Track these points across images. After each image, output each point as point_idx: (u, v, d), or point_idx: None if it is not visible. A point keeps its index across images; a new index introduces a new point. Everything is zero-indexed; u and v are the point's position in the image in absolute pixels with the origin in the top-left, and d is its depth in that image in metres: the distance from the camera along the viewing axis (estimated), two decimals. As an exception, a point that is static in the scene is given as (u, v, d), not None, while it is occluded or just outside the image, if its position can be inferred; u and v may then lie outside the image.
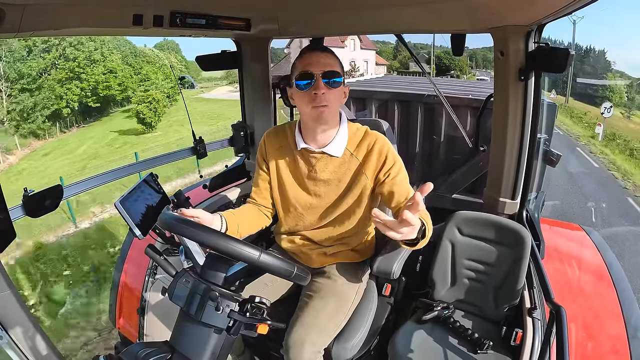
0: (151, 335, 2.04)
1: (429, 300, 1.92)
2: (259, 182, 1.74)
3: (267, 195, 1.75)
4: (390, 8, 1.89)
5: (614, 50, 61.72)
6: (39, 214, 1.66)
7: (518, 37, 1.70)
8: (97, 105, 27.34)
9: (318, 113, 1.48)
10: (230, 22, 2.03)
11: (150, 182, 1.91)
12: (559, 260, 2.24)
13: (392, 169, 1.57)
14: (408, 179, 1.61)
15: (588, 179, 13.65)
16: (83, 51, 25.37)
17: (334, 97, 1.48)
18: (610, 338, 1.89)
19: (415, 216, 1.04)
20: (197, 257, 1.23)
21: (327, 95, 1.45)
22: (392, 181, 1.56)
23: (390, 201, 1.57)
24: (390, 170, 1.56)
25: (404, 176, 1.59)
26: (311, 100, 1.46)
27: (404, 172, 1.60)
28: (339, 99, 1.52)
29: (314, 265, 1.77)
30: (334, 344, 1.61)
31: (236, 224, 1.57)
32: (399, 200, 1.54)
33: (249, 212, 1.72)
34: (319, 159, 1.61)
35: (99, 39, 24.56)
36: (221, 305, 1.07)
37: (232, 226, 1.54)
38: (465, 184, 3.41)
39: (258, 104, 2.63)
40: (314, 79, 1.45)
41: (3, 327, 1.36)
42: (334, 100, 1.49)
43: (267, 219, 1.79)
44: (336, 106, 1.52)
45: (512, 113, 1.87)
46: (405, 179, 1.59)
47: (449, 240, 1.93)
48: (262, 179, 1.73)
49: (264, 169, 1.72)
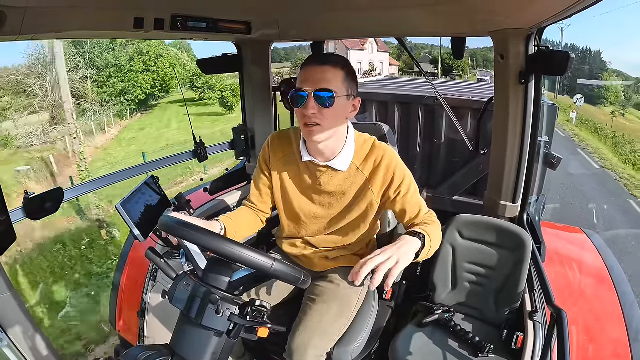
0: (151, 338, 2.04)
1: (429, 304, 1.92)
2: (259, 186, 1.69)
3: (267, 200, 1.71)
4: (391, 11, 1.89)
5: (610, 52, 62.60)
6: (39, 216, 1.66)
7: (518, 40, 1.70)
8: (161, 94, 31.13)
9: (309, 132, 1.40)
10: (231, 26, 2.03)
11: (151, 185, 1.91)
12: (559, 263, 2.24)
13: (402, 186, 1.51)
14: (418, 191, 1.57)
15: (555, 144, 16.68)
16: (152, 46, 29.12)
17: (328, 116, 1.38)
18: (612, 341, 1.88)
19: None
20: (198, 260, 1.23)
21: (319, 115, 1.36)
22: (403, 199, 1.51)
23: (403, 218, 1.55)
24: (400, 187, 1.51)
25: (414, 191, 1.54)
26: (303, 118, 1.39)
27: (414, 186, 1.54)
28: (335, 116, 1.40)
29: (316, 269, 1.77)
30: (335, 347, 1.60)
31: (234, 231, 1.56)
32: (411, 216, 1.52)
33: (246, 217, 1.70)
34: (324, 172, 1.56)
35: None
36: (221, 308, 1.07)
37: (231, 233, 1.54)
38: (465, 187, 3.41)
39: (259, 107, 2.63)
40: (306, 97, 1.36)
41: (3, 329, 1.37)
42: (328, 118, 1.38)
43: (262, 224, 1.76)
44: (331, 125, 1.40)
45: (512, 116, 1.87)
46: (416, 193, 1.55)
47: (449, 243, 1.93)
48: (263, 184, 1.69)
49: (266, 174, 1.67)
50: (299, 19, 2.21)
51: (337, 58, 1.44)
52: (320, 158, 1.53)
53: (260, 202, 1.72)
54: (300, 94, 1.36)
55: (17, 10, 1.18)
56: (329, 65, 1.38)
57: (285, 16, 2.18)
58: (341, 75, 1.39)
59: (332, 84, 1.36)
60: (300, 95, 1.36)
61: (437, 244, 1.45)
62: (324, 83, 1.35)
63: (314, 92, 1.35)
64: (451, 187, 3.47)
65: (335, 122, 1.42)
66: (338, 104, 1.37)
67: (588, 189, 13.44)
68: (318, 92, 1.34)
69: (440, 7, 1.70)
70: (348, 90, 1.41)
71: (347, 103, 1.43)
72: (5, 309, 1.37)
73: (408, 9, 1.83)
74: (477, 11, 1.64)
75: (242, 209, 1.74)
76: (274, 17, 2.19)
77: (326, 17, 2.11)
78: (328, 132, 1.42)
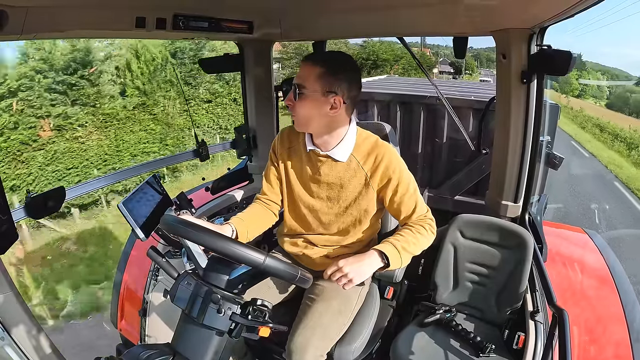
0: (152, 337, 2.04)
1: (431, 304, 1.91)
2: (270, 177, 1.74)
3: (277, 190, 1.75)
4: (393, 10, 1.89)
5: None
6: (41, 215, 1.67)
7: (520, 40, 1.70)
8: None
9: (292, 120, 1.56)
10: (232, 25, 2.03)
11: (153, 184, 1.91)
12: (561, 263, 2.23)
13: (400, 186, 1.54)
14: (418, 192, 1.60)
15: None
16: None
17: (299, 107, 1.49)
18: (613, 342, 1.88)
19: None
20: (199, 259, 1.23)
21: (293, 105, 1.50)
22: (400, 199, 1.55)
23: (397, 216, 1.59)
24: (398, 187, 1.54)
25: (413, 191, 1.57)
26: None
27: (412, 187, 1.57)
28: (306, 109, 1.49)
29: (317, 268, 1.76)
30: (336, 347, 1.60)
31: (245, 230, 1.58)
32: (405, 216, 1.56)
33: (258, 213, 1.72)
34: (324, 162, 1.61)
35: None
36: (223, 307, 1.07)
37: (242, 232, 1.56)
38: (467, 186, 3.41)
39: (260, 107, 2.63)
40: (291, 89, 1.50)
41: (5, 328, 1.37)
42: (300, 110, 1.49)
43: (274, 217, 1.78)
44: (306, 116, 1.50)
45: (514, 116, 1.86)
46: (414, 194, 1.57)
47: (451, 243, 1.93)
48: (272, 174, 1.74)
49: (275, 164, 1.73)
50: (300, 18, 2.21)
51: (324, 56, 1.60)
52: (322, 147, 1.60)
53: (271, 192, 1.75)
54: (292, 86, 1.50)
55: (18, 10, 1.18)
56: (309, 62, 1.49)
57: (287, 16, 2.18)
58: (316, 72, 1.45)
59: (305, 80, 1.47)
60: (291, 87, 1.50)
61: (417, 252, 1.52)
62: (302, 79, 1.47)
63: (296, 84, 1.48)
64: (453, 187, 3.46)
65: (310, 115, 1.50)
66: (308, 98, 1.47)
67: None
68: (295, 85, 1.47)
69: (442, 7, 1.70)
70: (323, 87, 1.46)
71: (322, 99, 1.48)
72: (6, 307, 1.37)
73: (410, 9, 1.83)
74: (479, 10, 1.63)
75: (253, 205, 1.76)
76: (275, 16, 2.19)
77: (328, 17, 2.11)
78: (304, 122, 1.52)
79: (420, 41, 45.33)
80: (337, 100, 1.49)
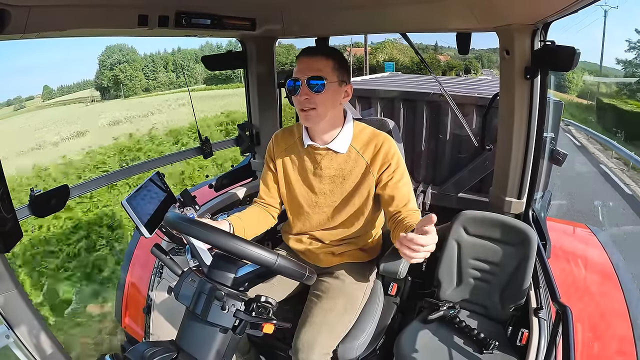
0: (157, 335, 2.05)
1: (434, 300, 1.91)
2: (267, 181, 1.76)
3: (275, 194, 1.77)
4: (396, 7, 1.88)
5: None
6: (46, 213, 1.67)
7: (524, 35, 1.69)
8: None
9: (305, 116, 1.53)
10: (235, 22, 2.03)
11: (156, 181, 1.92)
12: (565, 259, 2.23)
13: (396, 173, 1.58)
14: (411, 185, 1.62)
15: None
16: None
17: (320, 100, 1.49)
18: (617, 338, 1.88)
19: (427, 238, 1.05)
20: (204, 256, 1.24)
21: (312, 99, 1.49)
22: (395, 185, 1.57)
23: (389, 204, 1.58)
24: (394, 173, 1.58)
25: (406, 181, 1.61)
26: (299, 104, 1.52)
27: (406, 178, 1.61)
28: (327, 101, 1.51)
29: (322, 265, 1.77)
30: (340, 343, 1.60)
31: (242, 228, 1.59)
32: (397, 205, 1.56)
33: (255, 214, 1.73)
34: (324, 156, 1.63)
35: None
36: (227, 304, 1.08)
37: (239, 230, 1.57)
38: (471, 183, 3.39)
39: (263, 103, 2.63)
40: (300, 85, 1.49)
41: (10, 326, 1.37)
42: (321, 103, 1.50)
43: (273, 220, 1.80)
44: (325, 108, 1.52)
45: (518, 112, 1.86)
46: (407, 185, 1.60)
47: (455, 239, 1.92)
48: (269, 178, 1.75)
49: (272, 168, 1.74)
50: (303, 14, 2.21)
51: (328, 49, 1.66)
52: (320, 141, 1.62)
53: (269, 197, 1.77)
54: (296, 83, 1.50)
55: (21, 9, 1.19)
56: (320, 55, 1.52)
57: (290, 12, 2.18)
58: (331, 64, 1.51)
59: (323, 72, 1.49)
60: (296, 84, 1.50)
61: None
62: (316, 71, 1.49)
63: (307, 79, 1.48)
64: (456, 184, 3.45)
65: (328, 106, 1.53)
66: (329, 89, 1.50)
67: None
68: (310, 79, 1.48)
69: (445, 3, 1.70)
70: (339, 77, 1.53)
71: (339, 89, 1.54)
72: (11, 306, 1.37)
73: (413, 5, 1.83)
74: (482, 7, 1.63)
75: (251, 207, 1.77)
76: (278, 13, 2.19)
77: (331, 13, 2.10)
78: (322, 115, 1.53)
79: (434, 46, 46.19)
80: (350, 88, 1.57)
